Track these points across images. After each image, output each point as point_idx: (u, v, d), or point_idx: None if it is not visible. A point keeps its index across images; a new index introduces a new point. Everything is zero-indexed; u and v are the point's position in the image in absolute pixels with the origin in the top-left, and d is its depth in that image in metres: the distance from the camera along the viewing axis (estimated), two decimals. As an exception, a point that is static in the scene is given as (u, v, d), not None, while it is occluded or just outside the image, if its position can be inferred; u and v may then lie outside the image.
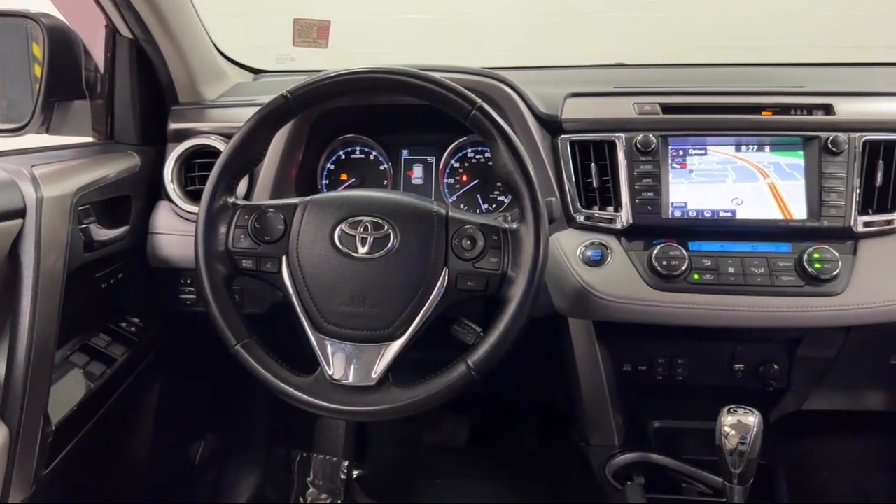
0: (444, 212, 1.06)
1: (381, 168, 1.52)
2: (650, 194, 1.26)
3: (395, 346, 1.02)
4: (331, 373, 1.03)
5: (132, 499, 1.52)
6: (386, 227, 1.04)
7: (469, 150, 1.49)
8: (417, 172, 1.51)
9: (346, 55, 1.37)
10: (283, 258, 1.06)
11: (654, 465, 1.45)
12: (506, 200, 1.48)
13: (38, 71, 1.31)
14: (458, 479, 1.94)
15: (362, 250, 1.03)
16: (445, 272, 1.03)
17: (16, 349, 1.05)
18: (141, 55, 1.40)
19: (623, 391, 1.46)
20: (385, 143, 1.51)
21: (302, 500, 1.87)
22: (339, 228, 1.05)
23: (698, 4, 3.33)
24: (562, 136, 1.31)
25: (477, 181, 1.49)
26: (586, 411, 1.48)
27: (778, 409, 1.53)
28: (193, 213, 1.36)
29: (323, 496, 1.87)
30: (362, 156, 1.52)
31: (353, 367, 1.03)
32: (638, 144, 1.26)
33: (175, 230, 1.40)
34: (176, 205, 1.39)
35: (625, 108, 1.31)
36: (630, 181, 1.26)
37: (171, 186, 1.39)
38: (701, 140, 1.28)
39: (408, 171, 1.51)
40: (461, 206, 1.49)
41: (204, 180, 1.11)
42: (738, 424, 1.08)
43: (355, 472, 1.91)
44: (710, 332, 1.31)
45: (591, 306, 1.23)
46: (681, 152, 1.28)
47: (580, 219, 1.29)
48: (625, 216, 1.26)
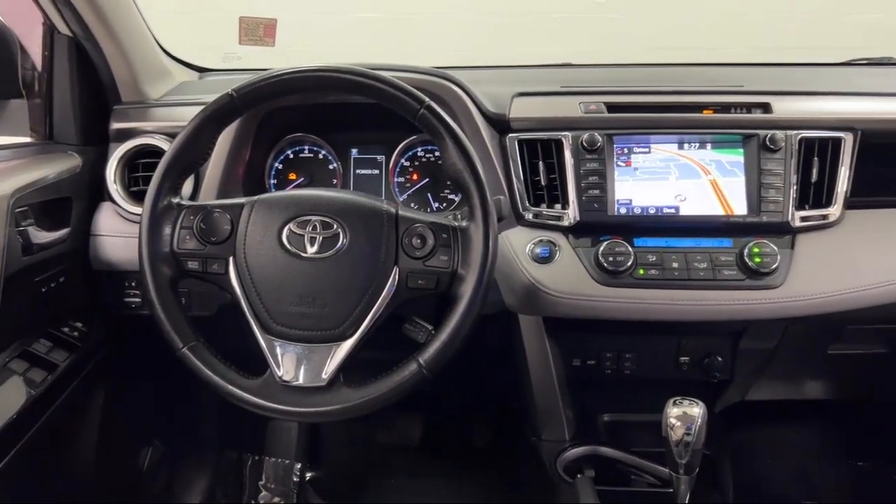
0: (393, 210, 1.06)
1: (331, 167, 1.51)
2: (596, 192, 1.28)
3: (346, 346, 1.02)
4: (280, 374, 1.02)
5: None
6: (335, 226, 1.04)
7: (419, 148, 1.50)
8: (367, 171, 1.50)
9: (295, 54, 1.36)
10: (230, 259, 1.04)
11: (604, 457, 1.48)
12: (456, 199, 1.49)
13: (-30, 70, 1.27)
14: (412, 477, 1.94)
15: (311, 250, 1.03)
16: (396, 271, 1.03)
17: (-50, 357, 1.01)
18: (81, 53, 1.37)
19: (573, 386, 1.49)
20: (334, 142, 1.50)
21: (254, 503, 1.85)
22: (287, 228, 1.04)
23: (644, 6, 3.39)
24: (510, 134, 1.33)
25: (427, 180, 1.49)
26: (537, 406, 1.49)
27: (722, 400, 1.58)
28: (137, 215, 1.33)
29: (275, 499, 1.85)
30: (311, 155, 1.51)
31: (303, 367, 1.02)
32: (584, 143, 1.28)
33: (118, 232, 1.37)
34: (119, 206, 1.36)
35: (571, 108, 1.33)
36: (577, 179, 1.28)
37: (113, 187, 1.36)
38: (645, 138, 1.30)
39: (357, 170, 1.51)
40: (412, 204, 1.49)
41: (148, 181, 1.09)
42: (684, 416, 1.11)
43: (308, 474, 1.89)
44: (656, 326, 1.34)
45: (540, 302, 1.25)
46: (625, 150, 1.30)
47: (529, 217, 1.31)
48: (572, 214, 1.28)
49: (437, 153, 1.47)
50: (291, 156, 1.51)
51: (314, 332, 1.02)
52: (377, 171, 1.50)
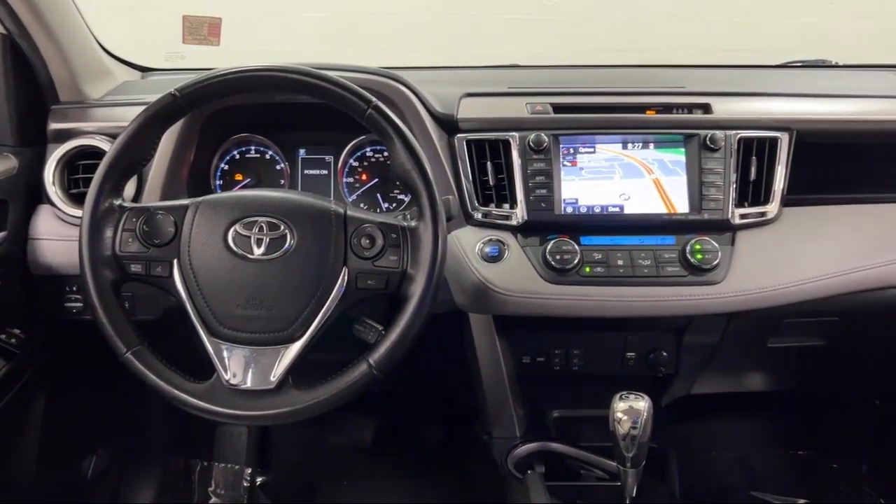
0: (342, 211, 1.06)
1: (278, 168, 1.49)
2: (543, 191, 1.29)
3: (295, 348, 1.01)
4: (227, 378, 1.01)
5: None
6: (282, 227, 1.03)
7: (368, 149, 1.49)
8: (315, 172, 1.49)
9: (241, 54, 1.34)
10: (175, 262, 1.03)
11: (554, 453, 1.50)
12: (406, 199, 1.49)
13: None
14: (364, 479, 1.93)
15: (258, 251, 1.02)
16: (345, 272, 1.03)
17: None
18: (16, 52, 1.33)
19: (523, 383, 1.51)
20: (281, 143, 1.49)
21: (203, 510, 1.82)
22: (233, 229, 1.03)
23: (591, 8, 3.44)
24: (458, 135, 1.33)
25: (377, 180, 1.49)
26: (488, 404, 1.51)
27: (668, 394, 1.62)
28: (77, 217, 1.29)
29: (226, 505, 1.82)
30: (257, 155, 1.50)
31: (251, 370, 1.01)
32: (531, 143, 1.29)
33: (58, 235, 1.33)
34: (58, 209, 1.32)
35: (518, 108, 1.35)
36: (524, 179, 1.30)
37: (52, 189, 1.33)
38: (590, 139, 1.33)
39: (305, 171, 1.49)
40: (361, 205, 1.49)
41: (88, 183, 1.06)
42: (630, 410, 1.14)
43: (259, 479, 1.87)
44: (603, 323, 1.36)
45: (489, 301, 1.26)
46: (571, 150, 1.32)
47: (478, 216, 1.31)
48: (520, 213, 1.29)
49: (385, 153, 1.47)
50: (238, 156, 1.49)
51: (262, 335, 1.01)
52: (325, 172, 1.49)
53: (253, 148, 1.50)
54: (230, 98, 1.10)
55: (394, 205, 1.50)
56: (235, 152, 1.49)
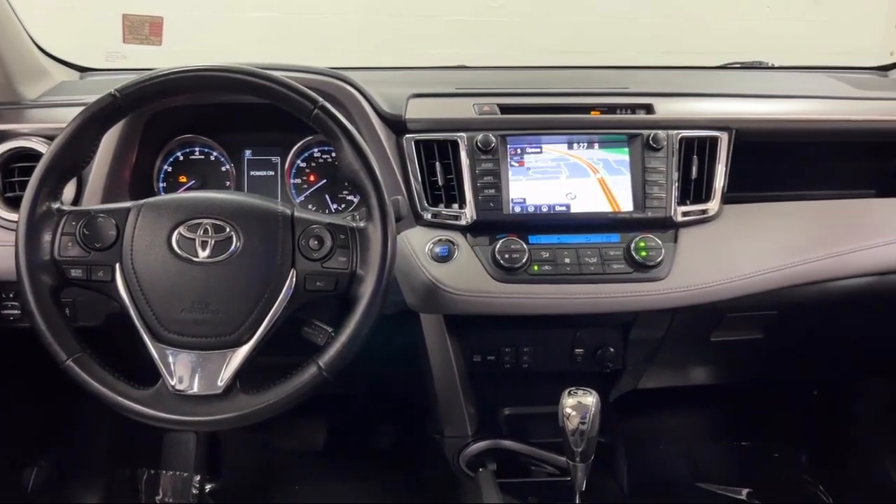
0: (289, 212, 1.05)
1: (223, 169, 1.47)
2: (492, 191, 1.30)
3: (242, 352, 1.00)
4: (173, 383, 0.99)
5: None
6: (228, 229, 1.02)
7: (315, 149, 1.48)
8: (262, 173, 1.47)
9: (184, 54, 1.32)
10: (117, 266, 1.00)
11: (505, 450, 1.51)
12: (355, 200, 1.48)
13: None
14: (317, 483, 1.92)
15: (203, 254, 1.00)
16: (293, 273, 1.02)
17: None
18: (-55, 50, 1.28)
19: (474, 382, 1.52)
20: (226, 144, 1.46)
21: (151, 519, 1.78)
22: (176, 232, 1.01)
23: (537, 9, 3.48)
24: (406, 135, 1.33)
25: (325, 181, 1.48)
26: (440, 403, 1.51)
27: (616, 390, 1.65)
28: (13, 222, 1.25)
29: (174, 514, 1.78)
30: (202, 157, 1.47)
31: (197, 375, 1.00)
32: (478, 144, 1.30)
33: (-8, 240, 1.28)
34: (-7, 213, 1.28)
35: (465, 109, 1.35)
36: (473, 179, 1.30)
37: (-14, 193, 1.28)
38: (537, 139, 1.34)
39: (252, 172, 1.47)
40: (309, 206, 1.47)
41: (24, 186, 1.03)
42: (578, 405, 1.15)
43: (208, 486, 1.83)
44: (552, 320, 1.38)
45: (440, 301, 1.26)
46: (518, 151, 1.34)
47: (427, 216, 1.32)
48: (469, 213, 1.30)
49: (334, 154, 1.46)
50: (181, 158, 1.46)
51: (208, 339, 1.00)
52: (272, 173, 1.48)
53: (197, 149, 1.47)
54: (173, 99, 1.08)
55: (343, 206, 1.49)
56: (179, 154, 1.46)
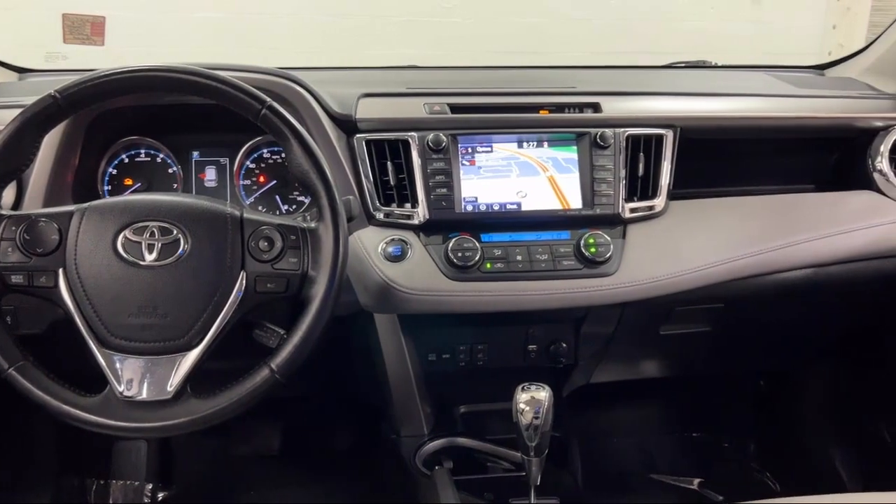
0: (238, 213, 1.04)
1: (170, 171, 1.44)
2: (444, 191, 1.31)
3: (192, 356, 0.99)
4: (121, 389, 0.97)
5: None
6: (175, 231, 1.00)
7: (265, 150, 1.47)
8: (210, 175, 1.45)
9: (128, 55, 1.30)
10: (60, 271, 0.98)
11: (462, 448, 1.52)
12: (306, 201, 1.47)
13: None
14: (272, 488, 1.90)
15: (150, 257, 0.99)
16: (243, 275, 1.01)
17: None
18: None
19: (429, 380, 1.52)
20: (173, 145, 1.44)
21: (101, 530, 1.74)
22: (122, 235, 0.99)
23: (489, 10, 3.50)
24: (357, 135, 1.33)
25: (275, 182, 1.47)
26: (395, 403, 1.51)
27: (569, 384, 1.67)
28: (-51, 228, 1.21)
29: (126, 524, 1.75)
30: (148, 159, 1.44)
31: (146, 381, 0.98)
32: (430, 143, 1.31)
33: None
34: (-72, 219, 1.23)
35: (416, 108, 1.36)
36: (424, 179, 1.31)
37: (-80, 198, 1.23)
38: (487, 138, 1.35)
39: (199, 174, 1.45)
40: (260, 207, 1.46)
41: None
42: (532, 400, 1.17)
43: (160, 494, 1.80)
44: (505, 317, 1.39)
45: (394, 300, 1.26)
46: (469, 150, 1.34)
47: (380, 216, 1.31)
48: (421, 212, 1.30)
49: (283, 155, 1.45)
50: (127, 160, 1.43)
51: (156, 344, 0.98)
52: (221, 175, 1.45)
53: (143, 151, 1.44)
54: (116, 100, 1.06)
55: (294, 207, 1.47)
56: (124, 156, 1.43)
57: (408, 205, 1.31)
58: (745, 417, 2.08)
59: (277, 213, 1.46)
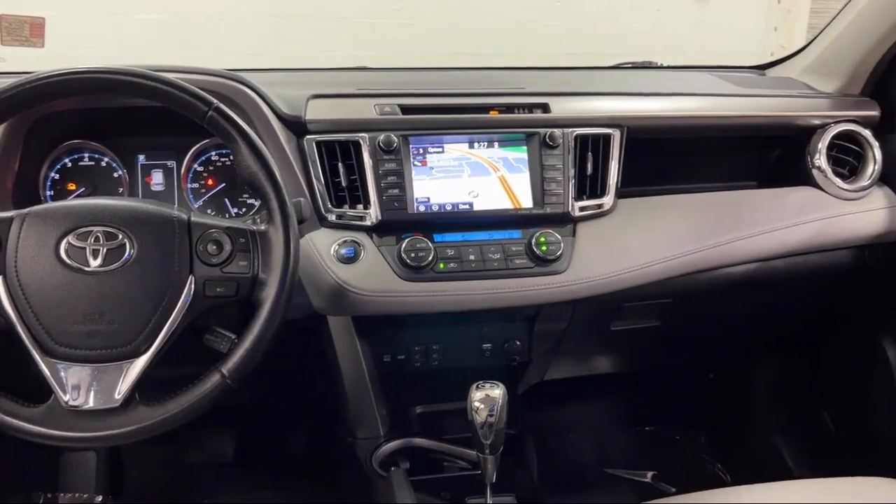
0: (185, 217, 1.02)
1: (115, 175, 1.41)
2: (396, 191, 1.31)
3: (141, 363, 0.97)
4: (67, 399, 0.95)
5: None
6: (121, 236, 0.98)
7: (213, 153, 1.44)
8: (157, 178, 1.43)
9: (71, 57, 1.26)
10: (0, 278, 0.95)
11: (418, 448, 1.52)
12: (256, 203, 1.46)
13: None
14: (227, 495, 1.87)
15: (94, 263, 0.96)
16: (191, 280, 1.00)
17: None
18: None
19: (385, 382, 1.52)
20: (118, 149, 1.41)
21: (50, 546, 1.68)
22: (65, 241, 0.97)
23: (439, 12, 3.51)
24: (307, 136, 1.32)
25: (224, 185, 1.45)
26: (351, 406, 1.51)
27: (524, 382, 1.68)
28: None
29: (75, 539, 1.70)
30: (92, 163, 1.41)
31: (92, 389, 0.96)
32: (381, 144, 1.31)
33: None
34: None
35: (366, 109, 1.35)
36: (376, 180, 1.30)
37: None
38: (438, 139, 1.36)
39: (146, 178, 1.42)
40: (209, 211, 1.44)
41: None
42: (486, 398, 1.17)
43: (111, 507, 1.76)
44: (460, 317, 1.40)
45: (347, 302, 1.26)
46: (421, 150, 1.35)
47: (332, 218, 1.31)
48: (374, 213, 1.30)
49: (232, 157, 1.43)
50: (70, 164, 1.40)
51: (103, 351, 0.96)
52: (168, 178, 1.43)
53: (87, 155, 1.41)
54: (57, 103, 1.03)
55: (243, 210, 1.46)
56: (67, 160, 1.40)
57: (360, 206, 1.31)
58: (696, 410, 2.13)
59: (227, 216, 1.44)
